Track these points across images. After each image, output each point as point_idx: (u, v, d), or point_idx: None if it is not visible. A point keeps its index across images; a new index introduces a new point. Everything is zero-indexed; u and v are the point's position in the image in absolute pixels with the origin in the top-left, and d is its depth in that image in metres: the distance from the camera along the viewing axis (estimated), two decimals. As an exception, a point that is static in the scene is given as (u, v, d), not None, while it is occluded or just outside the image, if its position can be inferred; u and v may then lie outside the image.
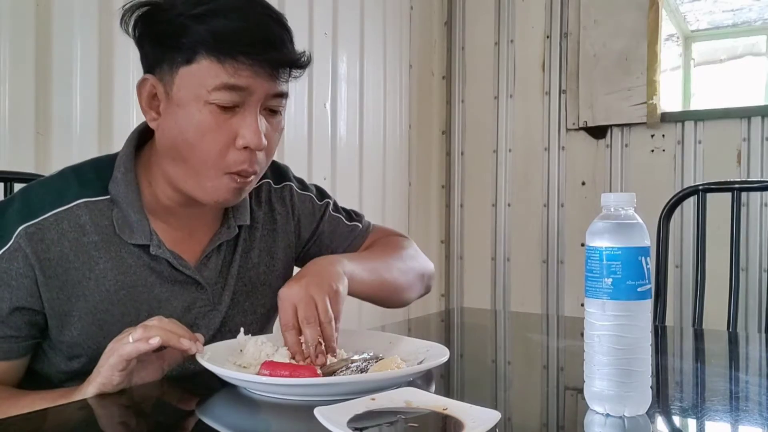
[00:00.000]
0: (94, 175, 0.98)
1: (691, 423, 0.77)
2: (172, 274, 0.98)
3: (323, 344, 0.88)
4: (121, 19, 0.93)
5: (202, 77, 0.88)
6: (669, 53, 3.20)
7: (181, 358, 0.88)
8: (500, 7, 3.20)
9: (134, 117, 1.81)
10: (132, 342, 0.81)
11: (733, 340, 1.36)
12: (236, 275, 1.04)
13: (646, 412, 0.72)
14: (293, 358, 0.88)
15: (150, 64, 0.94)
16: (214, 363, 0.83)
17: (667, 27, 3.05)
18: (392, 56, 2.99)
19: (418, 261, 1.20)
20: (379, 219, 2.91)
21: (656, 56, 2.83)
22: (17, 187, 1.32)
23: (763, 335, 1.46)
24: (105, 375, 0.82)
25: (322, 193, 1.20)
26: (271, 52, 0.89)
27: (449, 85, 3.33)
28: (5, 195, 1.32)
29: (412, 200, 3.15)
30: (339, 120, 2.68)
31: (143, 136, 1.01)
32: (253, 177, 0.95)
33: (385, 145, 2.95)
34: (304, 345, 0.87)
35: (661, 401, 0.82)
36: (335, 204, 1.21)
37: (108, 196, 0.96)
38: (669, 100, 3.06)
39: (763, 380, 0.96)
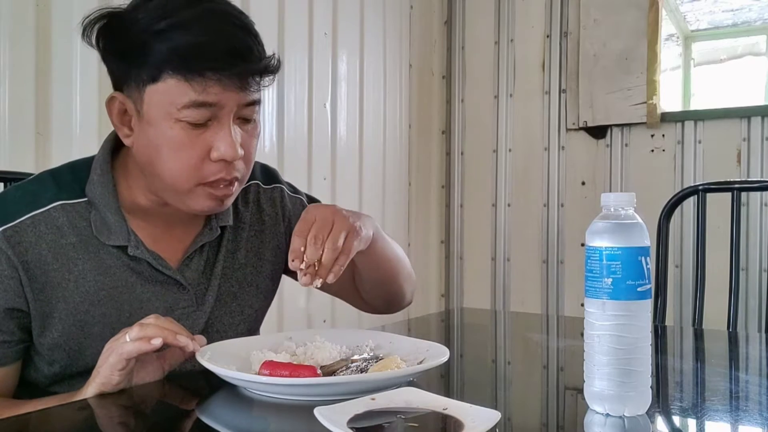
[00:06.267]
0: (70, 177, 0.97)
1: (691, 423, 0.77)
2: (153, 275, 0.97)
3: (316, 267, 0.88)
4: (83, 32, 0.91)
5: (171, 96, 0.87)
6: (669, 53, 3.20)
7: (183, 357, 0.88)
8: (500, 7, 3.19)
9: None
10: (130, 341, 0.81)
11: (733, 340, 1.36)
12: (221, 276, 1.03)
13: (646, 412, 0.72)
14: (292, 260, 0.89)
15: (117, 80, 0.93)
16: (215, 363, 0.83)
17: (667, 27, 3.04)
18: (392, 56, 2.99)
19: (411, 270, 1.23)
20: (379, 219, 2.91)
21: (656, 56, 2.83)
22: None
23: (763, 335, 1.46)
24: (104, 374, 0.82)
25: (312, 199, 1.21)
26: (239, 63, 0.87)
27: (449, 85, 3.33)
28: (5, 195, 1.32)
29: (412, 200, 3.15)
30: (339, 120, 2.68)
31: (120, 139, 1.00)
32: (236, 185, 0.95)
33: (385, 145, 2.95)
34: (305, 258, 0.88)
35: (661, 401, 0.82)
36: None
37: (85, 199, 0.96)
38: (669, 100, 3.05)
39: (763, 380, 0.96)
